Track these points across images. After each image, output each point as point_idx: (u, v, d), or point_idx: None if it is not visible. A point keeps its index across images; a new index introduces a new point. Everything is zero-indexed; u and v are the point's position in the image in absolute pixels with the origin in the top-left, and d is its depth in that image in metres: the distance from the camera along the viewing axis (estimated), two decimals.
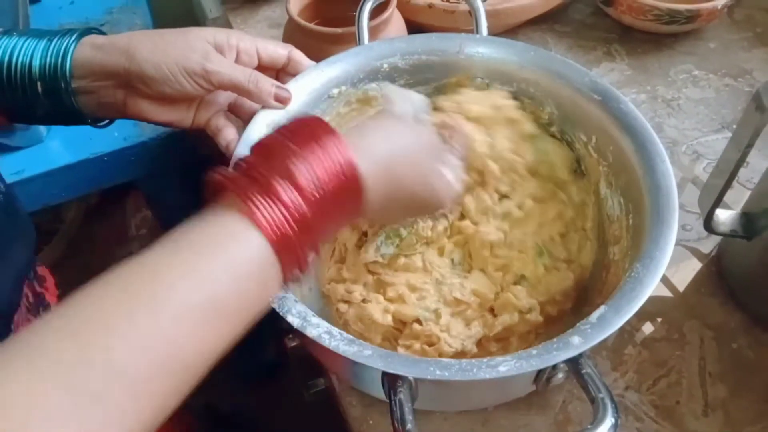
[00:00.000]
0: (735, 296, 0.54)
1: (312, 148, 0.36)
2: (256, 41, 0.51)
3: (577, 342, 0.37)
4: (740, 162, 0.44)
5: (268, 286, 0.35)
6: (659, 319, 0.55)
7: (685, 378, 0.51)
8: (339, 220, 0.39)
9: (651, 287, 0.40)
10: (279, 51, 0.52)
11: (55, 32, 0.47)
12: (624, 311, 0.39)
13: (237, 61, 0.50)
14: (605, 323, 0.38)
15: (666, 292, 0.57)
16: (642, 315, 0.55)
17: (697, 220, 0.60)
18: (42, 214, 1.04)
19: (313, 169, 0.36)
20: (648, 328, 0.54)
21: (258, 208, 0.33)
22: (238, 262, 0.33)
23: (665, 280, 0.57)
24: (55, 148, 0.88)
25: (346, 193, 0.37)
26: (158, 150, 0.89)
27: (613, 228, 0.51)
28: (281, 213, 0.34)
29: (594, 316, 0.39)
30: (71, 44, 0.46)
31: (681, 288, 0.57)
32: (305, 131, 0.38)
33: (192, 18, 1.20)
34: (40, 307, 0.50)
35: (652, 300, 0.55)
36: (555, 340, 0.38)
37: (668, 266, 0.57)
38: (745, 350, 0.52)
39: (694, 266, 0.58)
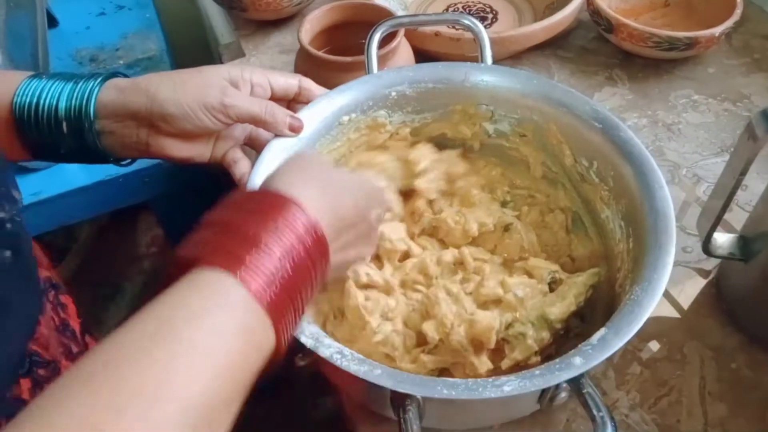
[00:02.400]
0: (734, 317, 0.56)
1: (274, 218, 0.36)
2: (267, 74, 0.53)
3: (578, 362, 0.39)
4: (735, 189, 0.46)
5: (261, 353, 0.34)
6: (661, 340, 0.56)
7: (686, 397, 0.52)
8: (315, 278, 0.38)
9: (649, 309, 0.41)
10: (290, 81, 0.55)
11: (81, 76, 0.50)
12: (623, 333, 0.40)
13: (251, 94, 0.53)
14: (605, 344, 0.40)
15: (668, 313, 0.58)
16: (644, 335, 0.57)
17: (697, 242, 0.61)
18: (54, 233, 1.07)
19: (283, 238, 0.36)
20: (650, 348, 0.56)
21: (249, 275, 0.33)
22: (236, 337, 0.32)
23: (667, 301, 0.59)
24: (72, 170, 0.91)
25: (315, 250, 0.38)
26: (171, 171, 0.92)
27: (616, 249, 0.53)
28: (269, 278, 0.34)
29: (595, 337, 0.41)
30: (96, 87, 0.49)
31: (682, 309, 0.58)
32: (264, 203, 0.38)
33: (205, 43, 1.23)
34: (66, 331, 0.51)
35: (654, 320, 0.58)
36: (557, 360, 0.40)
37: (670, 287, 0.60)
38: (744, 370, 0.54)
39: (695, 288, 0.59)
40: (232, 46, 0.92)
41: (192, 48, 1.10)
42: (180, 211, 1.02)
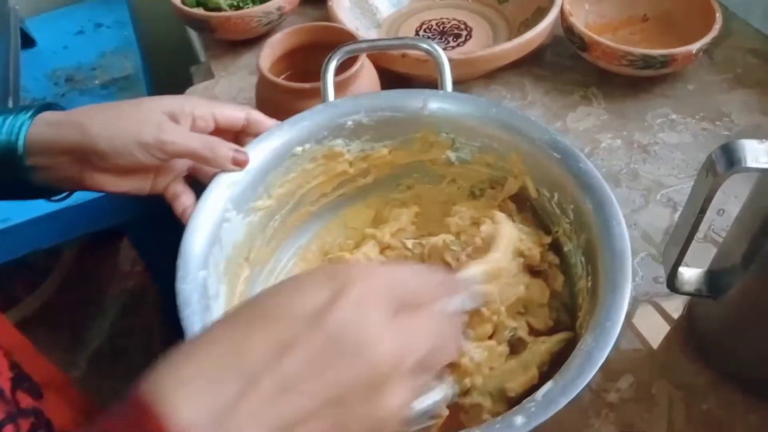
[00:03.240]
0: (704, 354, 0.53)
1: None
2: (212, 106, 0.51)
3: (520, 423, 0.37)
4: (695, 227, 0.43)
5: None
6: (629, 378, 0.53)
7: None
8: None
9: (600, 362, 0.39)
10: (235, 114, 0.53)
11: (11, 110, 0.48)
12: (570, 389, 0.38)
13: (193, 127, 0.51)
14: (550, 402, 0.37)
15: (638, 345, 0.55)
16: (611, 374, 0.54)
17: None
18: (36, 253, 1.06)
19: None
20: (617, 386, 0.53)
21: None
22: None
23: (637, 336, 0.56)
24: None
25: None
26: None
27: (577, 286, 0.51)
28: None
29: (540, 393, 0.38)
30: (26, 122, 0.47)
31: (653, 344, 0.56)
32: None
33: (184, 61, 1.21)
34: None
35: (622, 356, 0.55)
36: (498, 419, 0.37)
37: (641, 322, 0.57)
38: (715, 411, 0.51)
39: (666, 322, 0.57)
40: (202, 68, 0.90)
41: (172, 68, 1.09)
42: (154, 234, 1.01)
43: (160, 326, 1.31)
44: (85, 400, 0.53)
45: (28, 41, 1.14)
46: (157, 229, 0.97)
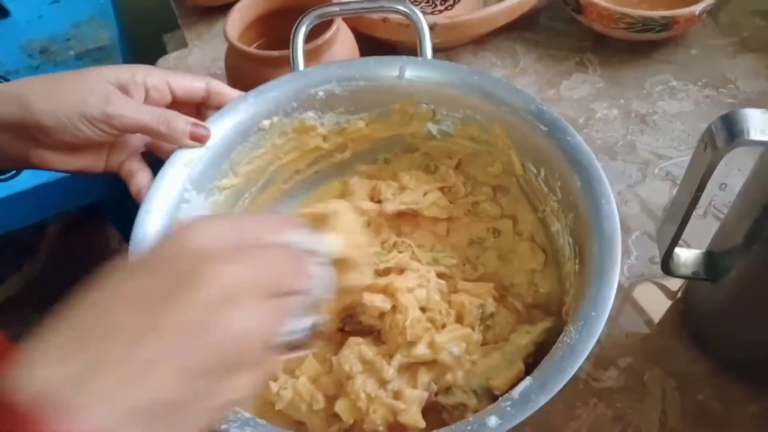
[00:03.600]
0: (701, 341, 0.49)
1: None
2: (167, 75, 0.47)
3: (494, 424, 0.33)
4: (692, 206, 0.39)
5: None
6: (620, 365, 0.50)
7: None
8: None
9: (583, 356, 0.35)
10: (195, 84, 0.48)
11: None
12: (551, 386, 0.34)
13: (147, 99, 0.46)
14: (527, 401, 0.34)
15: (633, 329, 0.52)
16: (601, 361, 0.51)
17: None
18: (22, 229, 1.03)
19: None
20: (607, 374, 0.50)
21: None
22: None
23: (631, 319, 0.53)
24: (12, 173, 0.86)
25: None
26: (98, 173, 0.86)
27: (565, 269, 0.47)
28: None
29: (517, 390, 0.35)
30: None
31: (645, 330, 0.52)
32: None
33: (163, 30, 1.16)
34: None
35: (612, 341, 0.52)
36: (470, 419, 0.34)
37: (632, 304, 0.54)
38: (711, 402, 0.47)
39: (661, 305, 0.53)
40: (176, 36, 0.85)
41: (150, 38, 1.04)
42: (133, 211, 0.97)
43: None
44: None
45: (1, 12, 1.09)
46: (134, 205, 0.94)
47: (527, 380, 0.35)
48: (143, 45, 1.04)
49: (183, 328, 0.27)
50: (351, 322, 0.47)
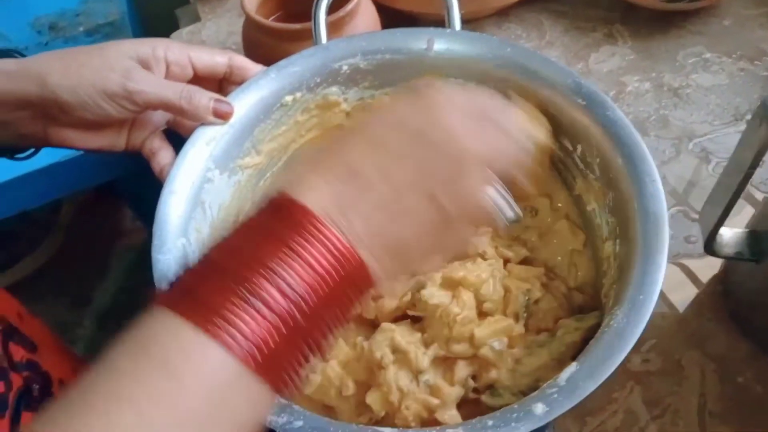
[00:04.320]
0: (741, 322, 0.48)
1: (296, 246, 0.28)
2: (188, 50, 0.45)
3: (540, 412, 0.32)
4: (743, 184, 0.37)
5: (256, 406, 0.29)
6: (656, 347, 0.49)
7: (682, 419, 0.45)
8: (342, 311, 0.30)
9: (632, 342, 0.34)
10: (216, 59, 0.46)
11: None
12: (599, 372, 0.33)
13: (168, 75, 0.45)
14: (575, 388, 0.33)
15: (669, 310, 0.50)
16: (636, 343, 0.49)
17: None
18: (37, 209, 1.02)
19: (298, 275, 0.27)
20: (644, 356, 0.49)
21: (226, 332, 0.26)
22: (212, 387, 0.26)
23: (664, 299, 0.51)
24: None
25: (346, 284, 0.29)
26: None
27: (603, 250, 0.45)
28: (257, 330, 0.27)
29: (563, 376, 0.33)
30: None
31: (682, 310, 0.51)
32: (280, 223, 0.29)
33: (173, 3, 1.13)
34: None
35: (647, 323, 0.50)
36: (516, 406, 0.33)
37: (669, 284, 0.52)
38: (752, 384, 0.46)
39: (698, 286, 0.52)
40: (189, 10, 0.83)
41: (160, 12, 1.01)
42: (148, 190, 0.96)
43: None
44: (79, 359, 0.51)
45: None
46: (150, 184, 0.92)
47: (573, 366, 0.34)
48: (155, 20, 1.01)
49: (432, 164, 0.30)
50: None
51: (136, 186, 0.94)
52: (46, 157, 0.83)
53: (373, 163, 0.30)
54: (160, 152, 0.46)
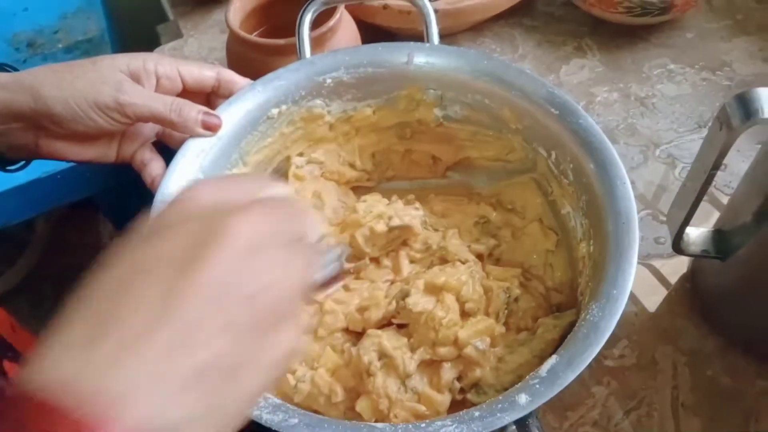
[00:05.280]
0: (710, 318, 0.50)
1: None
2: (177, 64, 0.47)
3: (524, 401, 0.34)
4: (706, 185, 0.40)
5: None
6: (631, 343, 0.51)
7: (657, 410, 0.47)
8: None
9: (607, 334, 0.36)
10: (205, 73, 0.48)
11: None
12: (577, 363, 0.35)
13: (158, 88, 0.46)
14: (556, 378, 0.35)
15: (641, 307, 0.53)
16: (611, 340, 0.51)
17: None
18: (13, 225, 1.01)
19: None
20: (618, 352, 0.51)
21: None
22: None
23: (635, 302, 0.54)
24: None
25: None
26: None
27: (578, 251, 0.48)
28: None
29: (544, 368, 0.35)
30: None
31: (653, 308, 0.53)
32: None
33: (153, 20, 1.15)
34: None
35: (622, 320, 0.52)
36: (500, 398, 0.35)
37: (640, 284, 0.55)
38: (721, 377, 0.49)
39: (668, 284, 0.54)
40: (170, 26, 0.84)
41: (140, 28, 1.02)
42: (127, 204, 0.96)
43: None
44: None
45: None
46: (130, 198, 0.92)
47: (554, 358, 0.36)
48: (134, 36, 1.02)
49: (217, 284, 0.24)
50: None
51: (116, 200, 0.95)
52: (25, 174, 0.84)
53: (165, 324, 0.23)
54: (151, 163, 0.47)
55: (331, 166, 0.56)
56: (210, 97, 0.50)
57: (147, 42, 0.87)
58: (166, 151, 0.49)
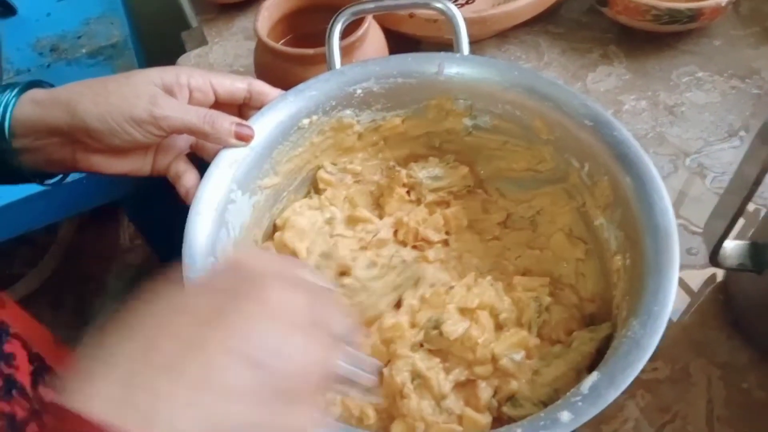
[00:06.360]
0: (744, 330, 0.50)
1: None
2: (210, 76, 0.47)
3: (566, 419, 0.34)
4: (746, 200, 0.40)
5: None
6: (664, 356, 0.51)
7: (691, 424, 0.47)
8: None
9: (650, 351, 0.36)
10: (237, 85, 0.48)
11: None
12: (619, 380, 0.35)
13: (190, 100, 0.46)
14: (598, 396, 0.34)
15: (673, 319, 0.52)
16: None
17: (703, 242, 0.56)
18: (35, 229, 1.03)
19: None
20: (652, 365, 0.50)
21: None
22: None
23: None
24: None
25: None
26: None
27: (612, 264, 0.47)
28: None
29: (586, 385, 0.35)
30: (11, 101, 0.43)
31: (686, 320, 0.53)
32: None
33: (175, 26, 1.15)
34: (12, 390, 0.46)
35: None
36: (542, 415, 0.34)
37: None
38: (756, 390, 0.48)
39: (700, 295, 0.54)
40: (195, 33, 0.85)
41: (162, 34, 1.03)
42: (151, 208, 0.97)
43: None
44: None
45: (8, 9, 1.08)
46: (154, 203, 0.93)
47: (595, 375, 0.35)
48: (158, 42, 1.03)
49: (238, 337, 0.26)
50: None
51: (141, 204, 0.96)
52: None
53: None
54: (185, 175, 0.48)
55: (366, 175, 0.56)
56: (242, 108, 0.50)
57: (171, 48, 0.88)
58: (200, 163, 0.49)
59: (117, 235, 1.41)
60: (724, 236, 0.43)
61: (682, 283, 0.55)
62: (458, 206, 0.56)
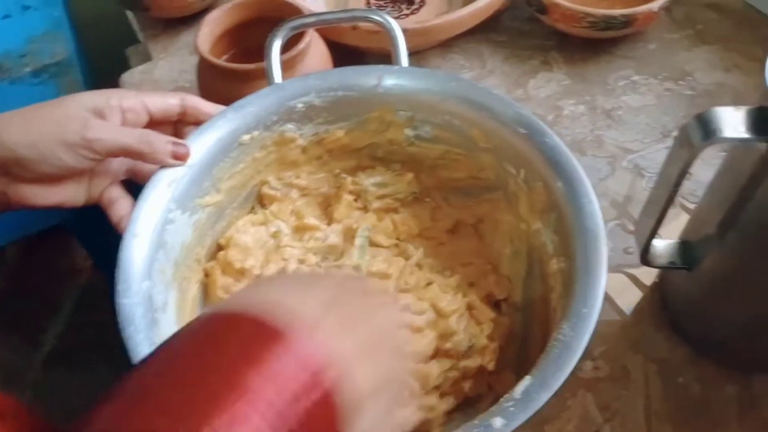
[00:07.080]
0: (678, 327, 0.52)
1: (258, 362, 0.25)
2: (141, 96, 0.47)
3: (499, 425, 0.34)
4: (669, 201, 0.41)
5: None
6: (603, 355, 0.52)
7: (631, 421, 0.48)
8: None
9: (579, 352, 0.37)
10: (169, 101, 0.48)
11: None
12: (550, 383, 0.36)
13: (124, 122, 0.46)
14: (530, 400, 0.35)
15: (611, 318, 0.54)
16: (584, 353, 0.52)
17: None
18: None
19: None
20: (592, 365, 0.52)
21: None
22: None
23: (611, 304, 0.55)
24: None
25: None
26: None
27: (548, 267, 0.48)
28: None
29: (518, 390, 0.36)
30: None
31: (623, 319, 0.54)
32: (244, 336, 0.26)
33: (122, 43, 1.14)
34: None
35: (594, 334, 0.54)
36: (476, 422, 0.35)
37: (615, 290, 0.56)
38: (692, 385, 0.50)
39: (638, 294, 0.55)
40: (139, 49, 0.84)
41: (109, 51, 1.01)
42: (99, 228, 0.95)
43: (115, 320, 1.26)
44: (45, 425, 0.49)
45: None
46: (102, 222, 0.91)
47: (527, 379, 0.36)
48: (104, 59, 1.01)
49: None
50: None
51: (88, 225, 0.94)
52: None
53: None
54: (118, 202, 0.47)
55: (313, 189, 0.57)
56: (177, 125, 0.50)
57: (116, 64, 0.87)
58: (137, 190, 0.49)
59: (70, 255, 1.37)
60: (652, 235, 0.45)
61: (636, 280, 0.56)
62: (406, 213, 0.57)
